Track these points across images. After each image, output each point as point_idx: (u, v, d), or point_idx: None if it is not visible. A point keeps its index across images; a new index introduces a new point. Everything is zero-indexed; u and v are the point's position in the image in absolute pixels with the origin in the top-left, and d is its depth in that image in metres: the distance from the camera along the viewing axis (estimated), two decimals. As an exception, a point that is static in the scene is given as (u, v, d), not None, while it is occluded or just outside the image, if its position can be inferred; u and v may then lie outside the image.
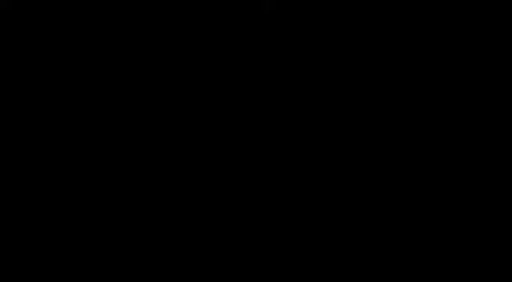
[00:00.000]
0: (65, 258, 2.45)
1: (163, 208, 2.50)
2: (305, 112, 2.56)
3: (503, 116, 2.52)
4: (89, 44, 2.60)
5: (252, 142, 2.54)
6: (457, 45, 2.57)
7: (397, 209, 2.48)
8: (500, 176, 2.48)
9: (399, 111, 2.54)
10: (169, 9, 2.61)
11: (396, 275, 2.43)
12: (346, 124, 2.54)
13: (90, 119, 2.55)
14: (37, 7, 2.60)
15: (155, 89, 2.58)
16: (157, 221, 2.49)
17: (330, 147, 2.53)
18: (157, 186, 2.52)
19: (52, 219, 2.48)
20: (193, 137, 2.55)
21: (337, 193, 2.50)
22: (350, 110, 2.55)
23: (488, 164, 2.49)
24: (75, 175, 2.52)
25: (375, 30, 2.58)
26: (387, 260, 2.44)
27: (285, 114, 2.56)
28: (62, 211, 2.49)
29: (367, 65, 2.57)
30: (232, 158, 2.53)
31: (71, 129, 2.55)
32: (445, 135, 2.52)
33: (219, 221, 2.49)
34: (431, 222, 2.46)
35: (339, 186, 2.50)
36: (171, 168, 2.53)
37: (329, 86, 2.57)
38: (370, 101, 2.55)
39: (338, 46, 2.58)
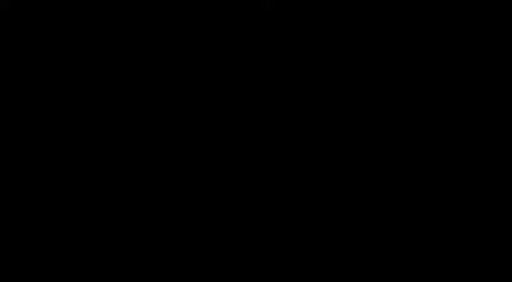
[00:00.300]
0: (65, 258, 2.45)
1: (164, 208, 2.50)
2: (305, 112, 2.56)
3: (503, 116, 2.52)
4: (89, 44, 2.60)
5: (252, 142, 2.54)
6: (457, 45, 2.57)
7: (397, 209, 2.48)
8: (500, 176, 2.48)
9: (399, 111, 2.55)
10: (170, 9, 2.61)
11: (396, 275, 2.43)
12: (346, 124, 2.54)
13: (90, 119, 2.56)
14: (37, 7, 2.60)
15: (155, 89, 2.58)
16: (157, 221, 2.49)
17: (330, 147, 2.53)
18: (157, 186, 2.52)
19: (52, 219, 2.48)
20: (193, 136, 2.55)
21: (337, 193, 2.50)
22: (350, 109, 2.55)
23: (488, 164, 2.50)
24: (75, 175, 2.52)
25: (375, 30, 2.59)
26: (387, 260, 2.44)
27: (285, 114, 2.56)
28: (62, 211, 2.49)
29: (367, 65, 2.57)
30: (233, 157, 2.53)
31: (71, 129, 2.55)
32: (445, 135, 2.53)
33: (219, 221, 2.49)
34: (431, 222, 2.46)
35: (339, 186, 2.51)
36: (171, 168, 2.53)
37: (329, 85, 2.57)
38: (370, 100, 2.55)
39: (338, 46, 2.58)
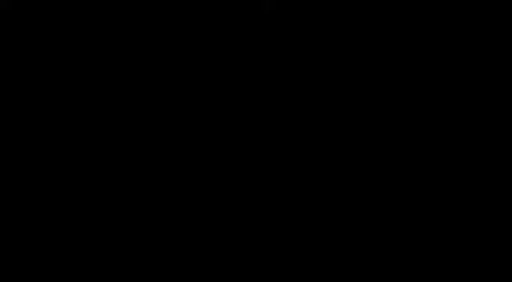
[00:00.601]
0: (65, 258, 2.45)
1: (164, 208, 2.50)
2: (305, 112, 2.56)
3: (503, 116, 2.52)
4: (89, 44, 2.60)
5: (252, 142, 2.54)
6: (457, 45, 2.57)
7: (397, 209, 2.48)
8: (500, 176, 2.48)
9: (399, 111, 2.55)
10: (170, 9, 2.61)
11: (396, 275, 2.43)
12: (345, 124, 2.54)
13: (90, 119, 2.56)
14: (37, 7, 2.60)
15: (155, 89, 2.58)
16: (157, 221, 2.49)
17: (329, 147, 2.53)
18: (157, 186, 2.52)
19: (52, 219, 2.48)
20: (193, 136, 2.55)
21: (337, 193, 2.50)
22: (350, 109, 2.55)
23: (488, 164, 2.50)
24: (75, 175, 2.52)
25: (374, 30, 2.59)
26: (387, 260, 2.44)
27: (284, 114, 2.56)
28: (62, 211, 2.49)
29: (367, 65, 2.57)
30: (233, 157, 2.53)
31: (71, 129, 2.55)
32: (445, 135, 2.53)
33: (219, 221, 2.49)
34: (431, 222, 2.47)
35: (339, 186, 2.51)
36: (171, 168, 2.53)
37: (329, 85, 2.57)
38: (370, 101, 2.56)
39: (338, 46, 2.58)
